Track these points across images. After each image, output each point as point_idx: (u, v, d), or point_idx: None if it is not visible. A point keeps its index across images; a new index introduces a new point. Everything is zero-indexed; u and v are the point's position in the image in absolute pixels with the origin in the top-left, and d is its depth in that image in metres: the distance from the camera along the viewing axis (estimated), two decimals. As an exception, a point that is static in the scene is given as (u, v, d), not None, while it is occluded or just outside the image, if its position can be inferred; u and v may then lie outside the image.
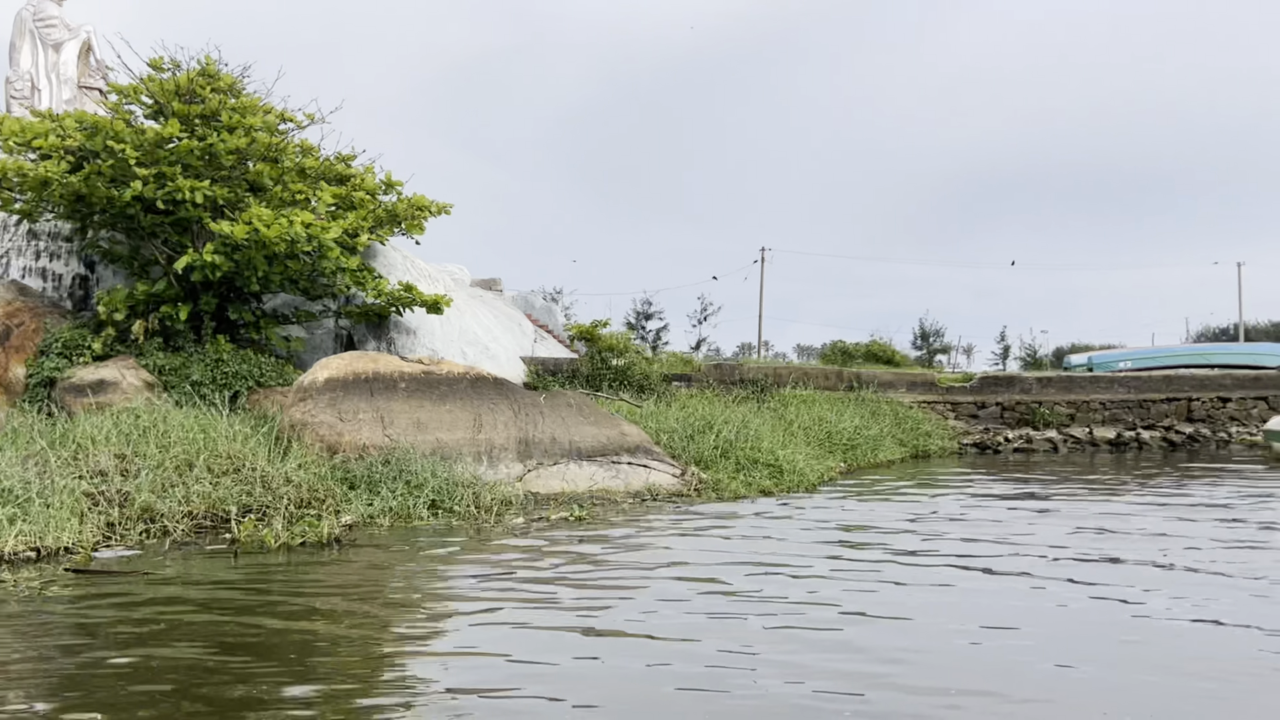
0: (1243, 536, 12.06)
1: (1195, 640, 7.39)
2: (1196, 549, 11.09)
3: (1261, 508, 14.76)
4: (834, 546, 11.11)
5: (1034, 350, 55.96)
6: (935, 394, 28.38)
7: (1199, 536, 11.98)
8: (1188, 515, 13.91)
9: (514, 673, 6.48)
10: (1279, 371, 27.02)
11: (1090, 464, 23.67)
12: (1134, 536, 12.00)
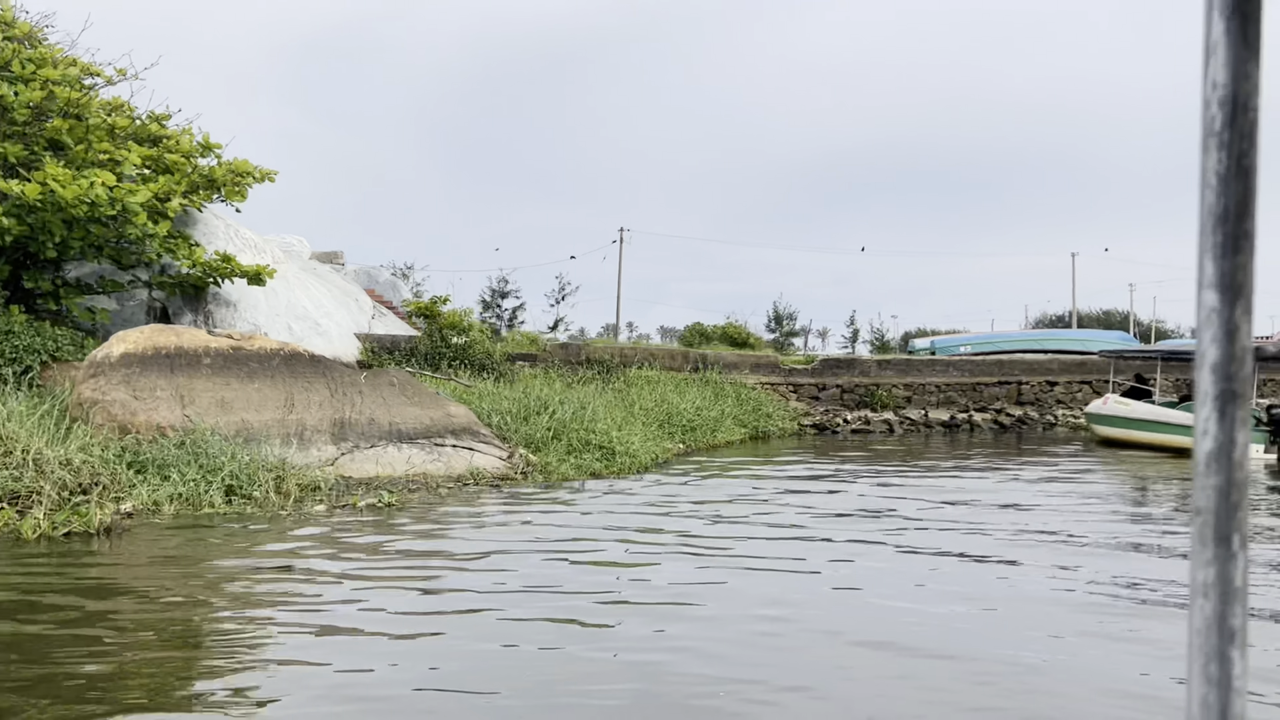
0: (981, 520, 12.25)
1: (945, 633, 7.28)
2: (983, 533, 11.17)
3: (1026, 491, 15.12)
4: (631, 532, 10.76)
5: (882, 334, 57.18)
6: (778, 376, 28.52)
7: (988, 522, 12.10)
8: (981, 496, 14.12)
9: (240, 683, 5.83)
10: (1101, 356, 28.09)
11: (925, 445, 24.12)
12: (928, 517, 12.05)
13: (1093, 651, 6.73)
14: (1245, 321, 0.71)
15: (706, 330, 48.47)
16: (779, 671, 6.19)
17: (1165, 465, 19.20)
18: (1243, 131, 0.71)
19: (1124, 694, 5.91)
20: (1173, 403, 22.40)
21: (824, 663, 6.43)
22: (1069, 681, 6.10)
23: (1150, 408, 22.16)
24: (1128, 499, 14.51)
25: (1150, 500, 14.61)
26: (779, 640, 6.86)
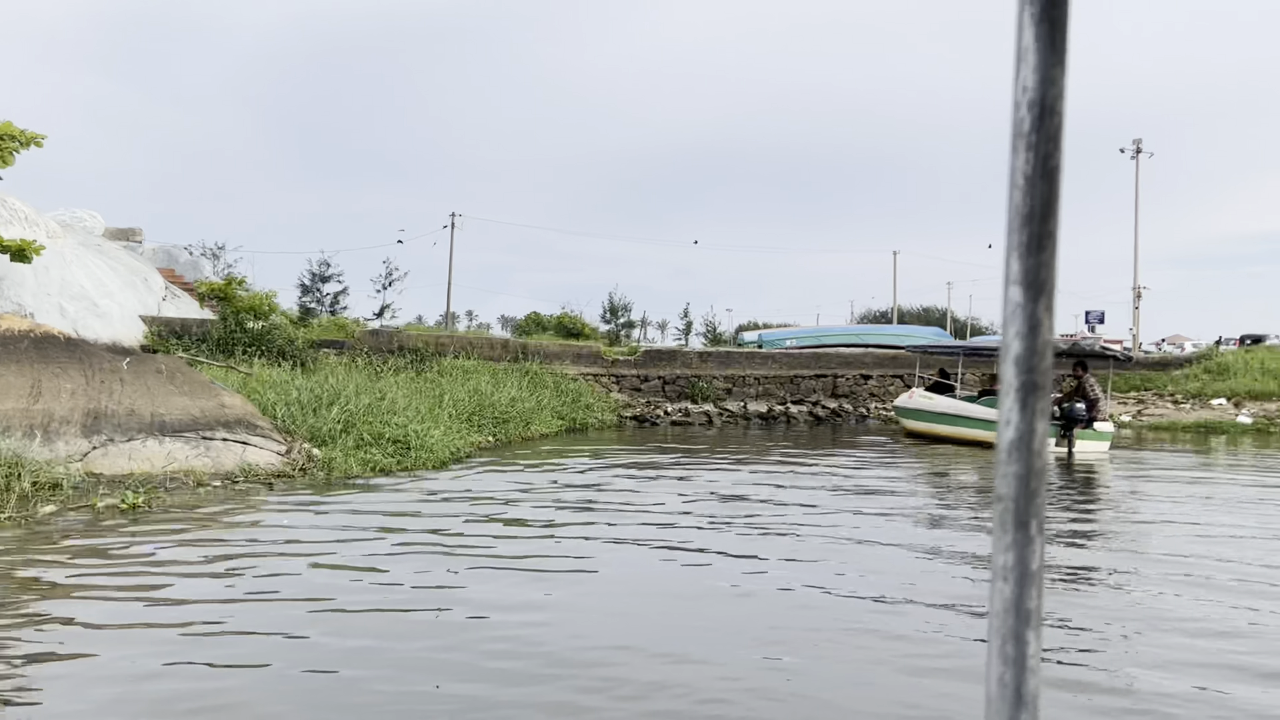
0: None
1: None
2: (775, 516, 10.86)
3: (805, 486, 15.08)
4: (386, 532, 9.95)
5: (714, 327, 57.51)
6: (601, 367, 28.01)
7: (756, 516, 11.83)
8: (751, 490, 13.92)
9: None
10: (908, 351, 28.71)
11: (743, 436, 24.04)
12: (725, 503, 11.68)
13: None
14: (1047, 317, 0.74)
15: (543, 320, 47.71)
16: (481, 688, 5.52)
17: (962, 459, 19.57)
18: (1049, 134, 0.74)
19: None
20: (973, 397, 22.95)
21: (540, 677, 5.80)
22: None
23: (952, 402, 22.63)
24: (900, 493, 14.54)
25: (911, 492, 14.68)
26: (502, 652, 6.18)
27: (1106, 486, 16.60)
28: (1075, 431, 19.95)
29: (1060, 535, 11.25)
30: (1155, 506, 14.04)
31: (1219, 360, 34.48)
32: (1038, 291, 0.74)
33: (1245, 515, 12.62)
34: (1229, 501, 13.90)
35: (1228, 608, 7.89)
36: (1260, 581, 8.75)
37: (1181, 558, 9.81)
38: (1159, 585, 8.71)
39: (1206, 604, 8.03)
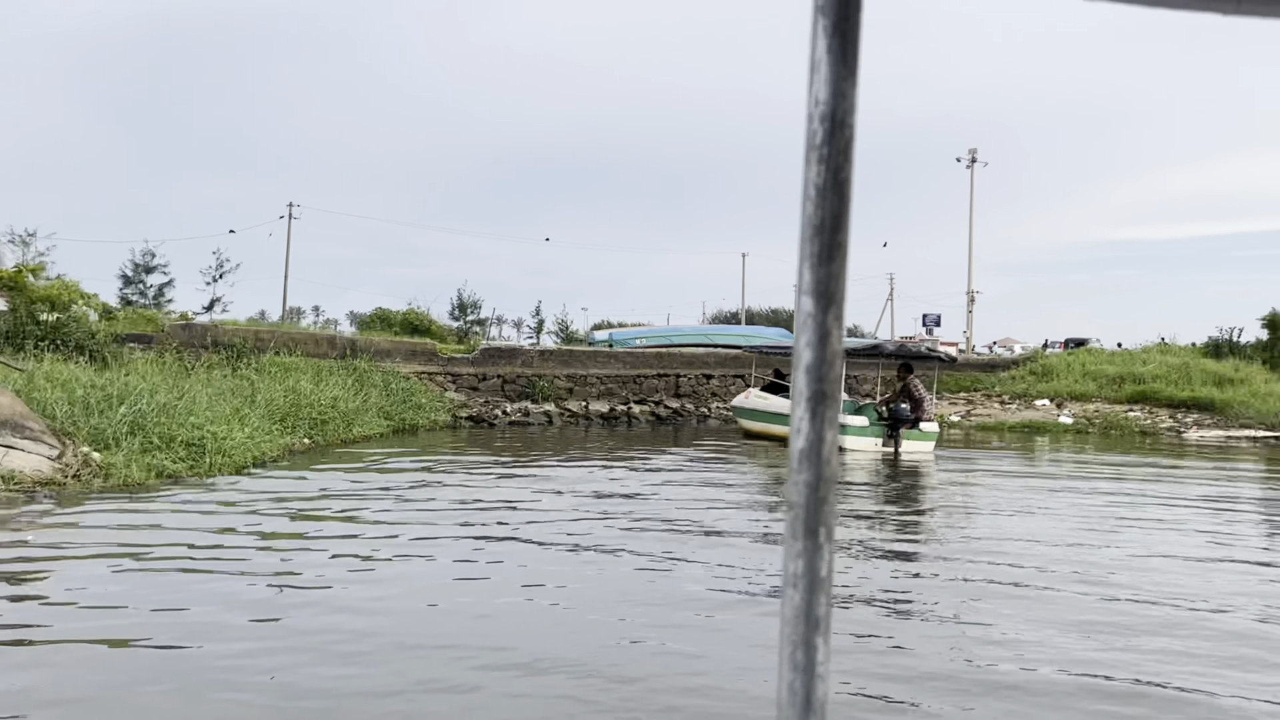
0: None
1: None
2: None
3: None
4: (133, 547, 8.90)
5: (567, 325, 56.89)
6: (436, 365, 26.97)
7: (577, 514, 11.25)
8: (579, 486, 13.37)
9: None
10: (746, 351, 28.66)
11: (584, 437, 23.47)
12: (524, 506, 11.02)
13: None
14: (837, 327, 0.73)
15: (389, 316, 46.08)
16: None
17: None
18: (839, 147, 0.74)
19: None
20: (806, 398, 22.91)
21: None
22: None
23: (785, 402, 22.56)
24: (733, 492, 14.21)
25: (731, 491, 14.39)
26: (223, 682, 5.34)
27: (930, 485, 16.74)
28: (902, 431, 20.09)
29: (886, 533, 11.08)
30: (977, 503, 14.18)
31: (1043, 362, 35.84)
32: (828, 302, 0.73)
33: (1059, 512, 12.73)
34: (1047, 498, 14.09)
35: (1048, 601, 7.98)
36: (1062, 573, 8.64)
37: (1001, 553, 9.90)
38: (980, 578, 8.78)
39: (1027, 598, 8.09)
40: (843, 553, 10.02)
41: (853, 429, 20.32)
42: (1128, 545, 10.73)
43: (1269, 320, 35.17)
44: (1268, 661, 6.60)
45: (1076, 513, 13.03)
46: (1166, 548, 10.61)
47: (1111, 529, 11.81)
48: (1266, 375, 32.20)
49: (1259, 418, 27.73)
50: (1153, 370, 32.96)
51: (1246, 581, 9.20)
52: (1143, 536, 11.24)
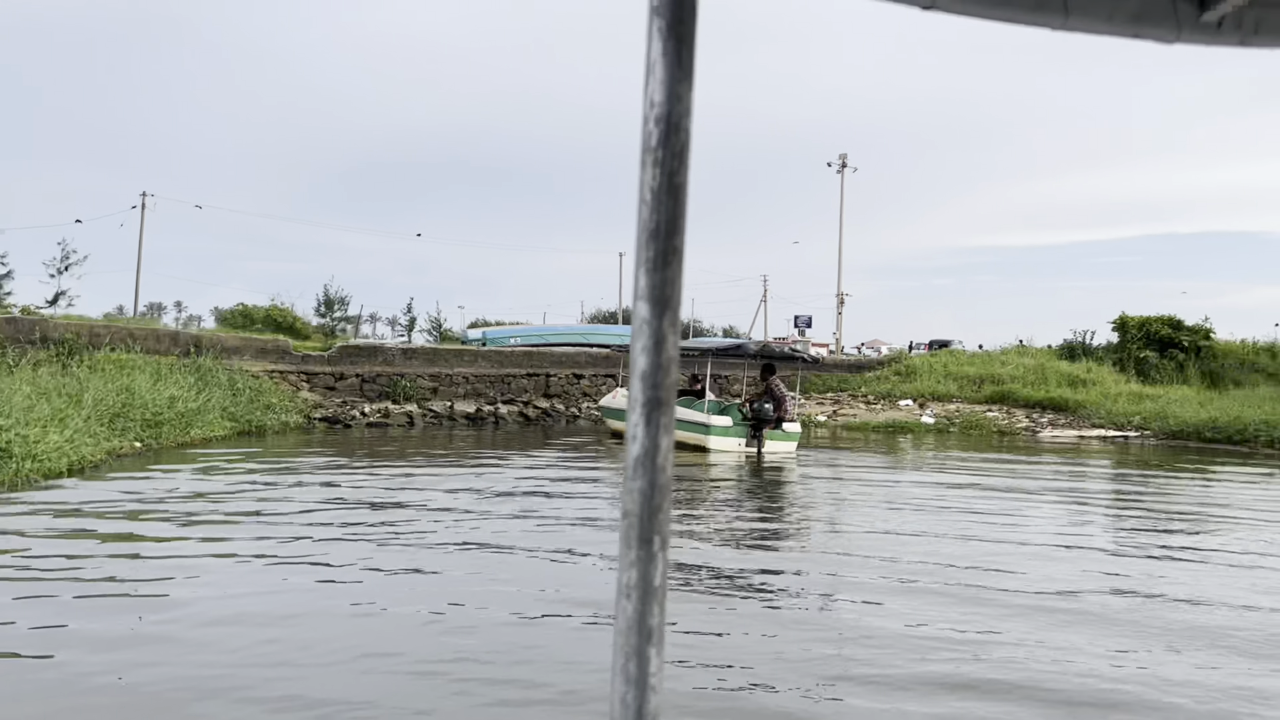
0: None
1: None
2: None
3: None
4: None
5: (440, 323, 55.55)
6: (290, 363, 25.64)
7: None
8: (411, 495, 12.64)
9: None
10: (614, 351, 28.17)
11: (447, 439, 22.59)
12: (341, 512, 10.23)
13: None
14: (672, 332, 0.73)
15: (251, 312, 44.16)
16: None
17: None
18: (675, 150, 0.73)
19: None
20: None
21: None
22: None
23: (652, 402, 22.14)
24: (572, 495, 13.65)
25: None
26: None
27: (792, 485, 16.55)
28: (765, 432, 19.88)
29: (747, 534, 10.72)
30: (838, 502, 14.05)
31: (907, 363, 36.42)
32: (663, 307, 0.73)
33: (916, 510, 12.59)
34: (904, 497, 13.98)
35: (906, 597, 8.03)
36: (925, 567, 8.37)
37: (860, 550, 9.88)
38: (842, 574, 8.85)
39: (887, 594, 8.13)
40: (703, 553, 9.76)
41: (717, 429, 20.00)
42: (983, 540, 10.75)
43: (1118, 324, 36.51)
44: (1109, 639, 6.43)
45: (933, 510, 12.93)
46: (1018, 542, 10.68)
47: (967, 524, 11.73)
48: (1116, 376, 33.37)
49: (1109, 418, 28.63)
50: (1011, 371, 33.81)
51: (1092, 567, 9.37)
52: (995, 532, 11.16)
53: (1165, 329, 35.25)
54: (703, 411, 20.44)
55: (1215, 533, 12.03)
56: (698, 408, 20.74)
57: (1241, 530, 12.26)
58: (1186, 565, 9.91)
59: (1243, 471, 19.67)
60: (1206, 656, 6.65)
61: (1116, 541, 11.35)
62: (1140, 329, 35.62)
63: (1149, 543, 11.13)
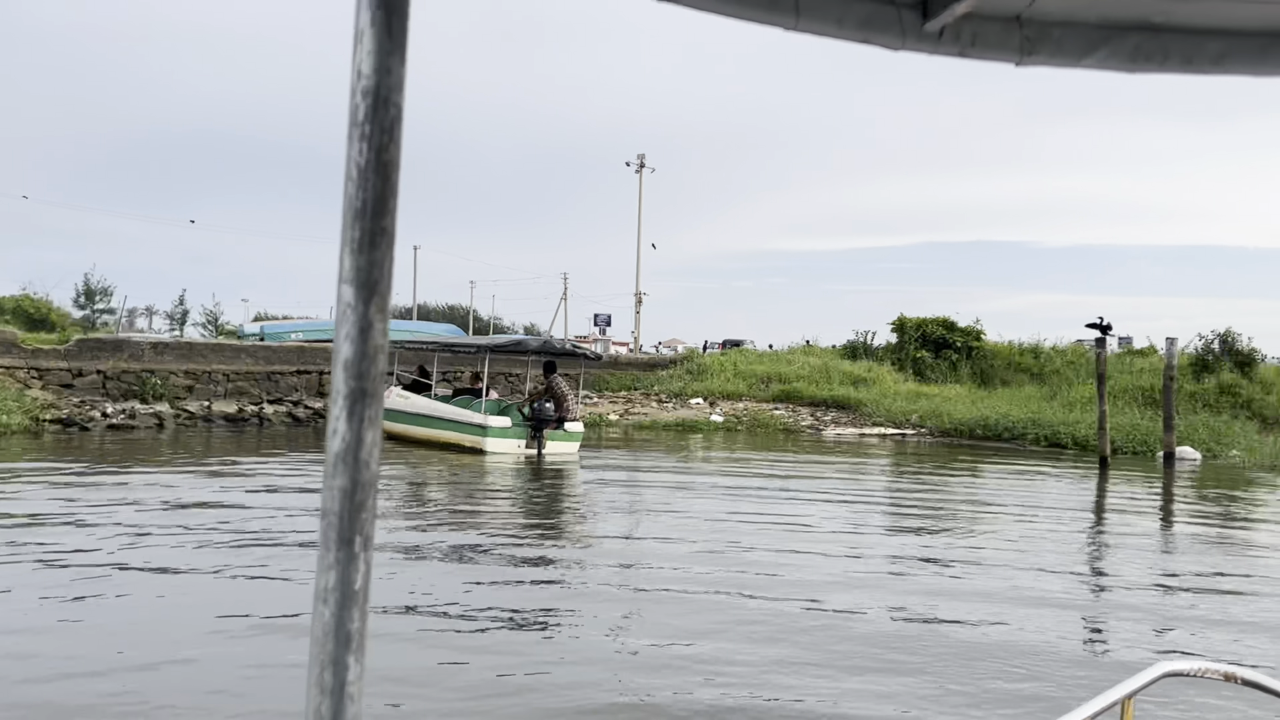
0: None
1: None
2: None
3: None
4: None
5: (216, 317, 51.64)
6: (16, 357, 22.50)
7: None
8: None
9: None
10: (392, 346, 26.27)
11: (205, 443, 20.21)
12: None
13: None
14: (380, 319, 0.70)
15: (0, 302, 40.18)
16: None
17: (432, 463, 17.50)
18: (384, 125, 0.70)
19: None
20: (447, 396, 21.07)
21: None
22: None
23: (427, 402, 20.61)
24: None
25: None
26: None
27: (573, 487, 15.57)
28: (545, 432, 18.71)
29: (521, 535, 10.04)
30: (618, 505, 13.18)
31: (699, 362, 36.17)
32: (370, 292, 0.69)
33: (695, 512, 11.76)
34: (686, 497, 13.16)
35: (686, 602, 7.81)
36: (696, 574, 7.44)
37: (637, 556, 9.56)
38: (617, 583, 8.46)
39: (666, 602, 7.84)
40: (471, 560, 9.05)
41: (494, 430, 18.68)
42: (760, 542, 10.34)
43: (897, 324, 37.52)
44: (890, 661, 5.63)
45: (712, 512, 12.17)
46: (796, 540, 10.33)
47: (745, 526, 11.04)
48: (895, 376, 34.18)
49: (888, 416, 29.10)
50: (797, 370, 34.06)
51: (875, 566, 9.05)
52: (764, 538, 10.44)
53: (940, 330, 36.44)
54: (480, 411, 19.06)
55: (972, 532, 11.77)
56: (474, 407, 19.35)
57: (997, 527, 12.05)
58: (944, 567, 9.49)
59: (1012, 468, 20.06)
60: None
61: (883, 542, 10.92)
62: (917, 330, 36.69)
63: (919, 545, 10.68)
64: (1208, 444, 22.75)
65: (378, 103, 0.69)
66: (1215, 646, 6.99)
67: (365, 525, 0.68)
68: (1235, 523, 13.73)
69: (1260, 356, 28.54)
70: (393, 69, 0.68)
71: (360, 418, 0.68)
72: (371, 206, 0.68)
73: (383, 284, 0.69)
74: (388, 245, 0.69)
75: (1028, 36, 1.17)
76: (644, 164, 52.72)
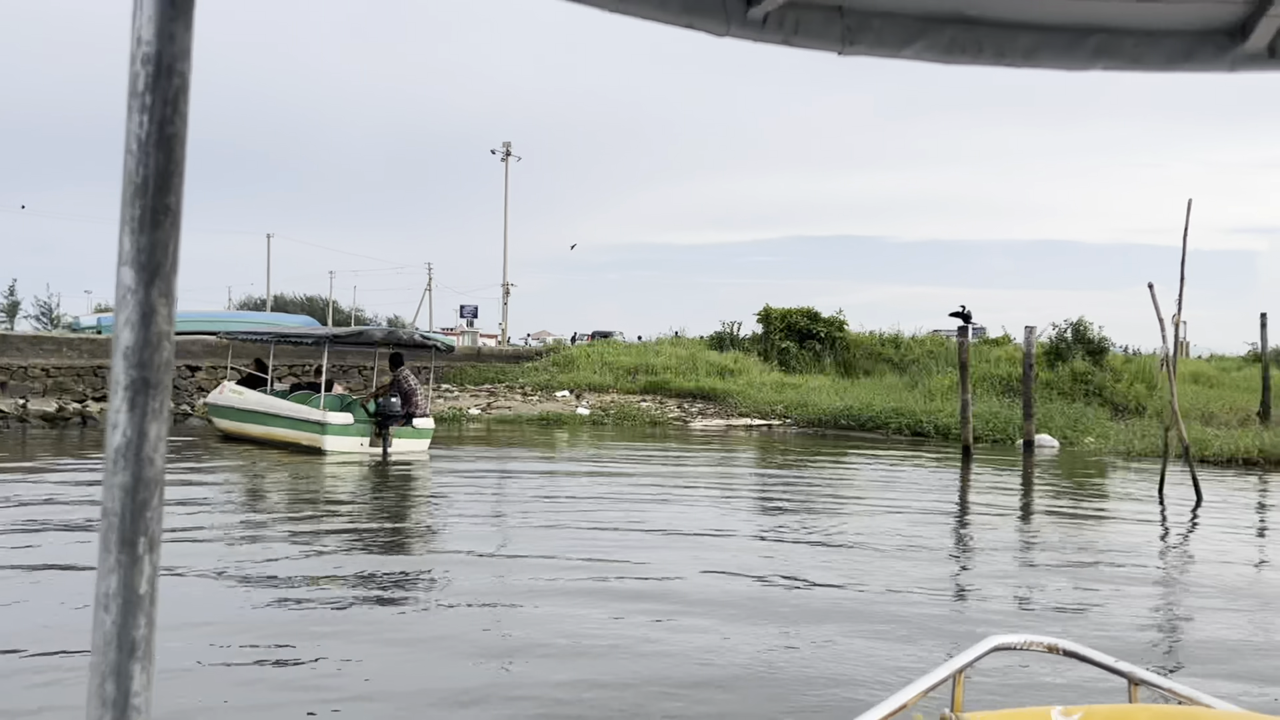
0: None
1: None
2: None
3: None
4: None
5: (51, 309, 47.85)
6: None
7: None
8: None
9: None
10: (221, 339, 23.97)
11: (18, 446, 17.97)
12: None
13: None
14: (164, 304, 0.66)
15: None
16: None
17: (269, 462, 15.84)
18: (167, 96, 0.66)
19: None
20: (285, 392, 19.35)
21: None
22: None
23: (262, 398, 18.87)
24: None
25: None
26: None
27: (423, 488, 14.33)
28: (392, 430, 17.25)
29: (368, 544, 9.15)
30: (467, 506, 12.03)
31: (566, 353, 35.06)
32: (153, 274, 0.65)
33: (546, 514, 10.65)
34: (540, 498, 12.02)
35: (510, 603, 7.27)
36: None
37: (496, 558, 8.91)
38: (462, 593, 7.65)
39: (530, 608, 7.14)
40: (273, 578, 7.80)
41: (334, 428, 17.13)
42: (623, 544, 9.33)
43: (763, 315, 37.17)
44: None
45: (570, 514, 11.06)
46: (665, 540, 9.49)
47: (607, 532, 9.96)
48: (761, 366, 33.78)
49: (754, 407, 28.55)
50: (664, 361, 33.31)
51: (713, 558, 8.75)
52: (633, 535, 9.37)
53: (804, 321, 36.25)
54: (318, 407, 17.47)
55: (834, 521, 11.03)
56: (313, 403, 17.73)
57: (858, 516, 11.35)
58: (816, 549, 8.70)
59: (876, 457, 19.61)
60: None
61: (739, 530, 10.09)
62: (782, 320, 36.42)
63: (786, 530, 9.82)
64: (1064, 431, 22.87)
65: (160, 72, 0.63)
66: (1057, 624, 7.09)
67: (150, 526, 0.64)
68: (1087, 505, 13.51)
69: (1109, 345, 29.11)
70: (176, 35, 0.63)
71: (143, 410, 0.63)
72: (154, 183, 0.63)
73: (166, 266, 0.64)
74: (172, 225, 0.64)
75: (849, 26, 1.20)
76: (510, 152, 51.21)
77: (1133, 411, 25.97)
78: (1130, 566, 9.33)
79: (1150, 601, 8.07)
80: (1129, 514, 12.88)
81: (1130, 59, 1.28)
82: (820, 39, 1.17)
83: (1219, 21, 1.26)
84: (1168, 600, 8.25)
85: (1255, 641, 6.82)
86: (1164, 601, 8.20)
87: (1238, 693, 5.13)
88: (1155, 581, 8.91)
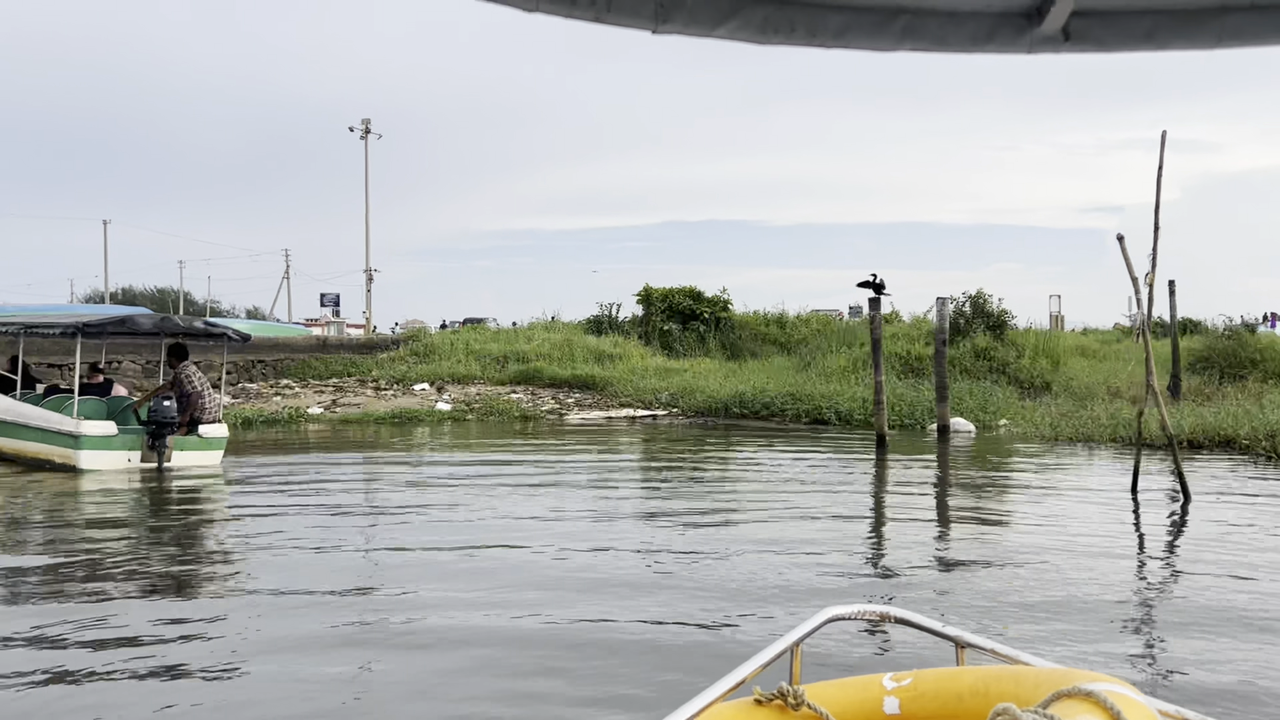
0: None
1: None
2: None
3: None
4: None
5: None
6: None
7: None
8: None
9: None
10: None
11: None
12: None
13: None
14: None
15: None
16: None
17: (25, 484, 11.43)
18: None
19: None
20: (39, 396, 14.75)
21: None
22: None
23: (10, 403, 14.25)
24: None
25: None
26: None
27: (215, 512, 10.40)
28: (170, 440, 12.94)
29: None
30: (265, 539, 8.14)
31: (426, 342, 30.76)
32: None
33: (368, 543, 6.88)
34: (364, 520, 8.18)
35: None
36: None
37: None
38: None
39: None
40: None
41: (90, 440, 12.74)
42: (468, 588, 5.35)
43: (643, 295, 33.66)
44: None
45: (401, 540, 7.25)
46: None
47: (450, 556, 6.21)
48: (642, 350, 30.27)
49: (637, 395, 24.97)
50: (537, 348, 29.43)
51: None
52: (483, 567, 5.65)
53: (687, 301, 32.91)
54: (71, 414, 13.04)
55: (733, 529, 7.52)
56: (68, 409, 13.27)
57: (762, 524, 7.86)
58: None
59: (777, 450, 16.26)
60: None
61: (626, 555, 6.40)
62: (664, 300, 33.00)
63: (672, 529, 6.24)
64: (976, 414, 20.01)
65: None
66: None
67: None
68: (1054, 508, 10.27)
69: (1010, 319, 26.54)
70: None
71: None
72: None
73: None
74: None
75: (662, 4, 1.17)
76: (369, 129, 46.34)
77: (1040, 389, 23.38)
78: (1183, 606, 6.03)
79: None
80: (1118, 524, 9.76)
81: (935, 40, 1.28)
82: (633, 16, 1.14)
83: (1016, 5, 1.27)
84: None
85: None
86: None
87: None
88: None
